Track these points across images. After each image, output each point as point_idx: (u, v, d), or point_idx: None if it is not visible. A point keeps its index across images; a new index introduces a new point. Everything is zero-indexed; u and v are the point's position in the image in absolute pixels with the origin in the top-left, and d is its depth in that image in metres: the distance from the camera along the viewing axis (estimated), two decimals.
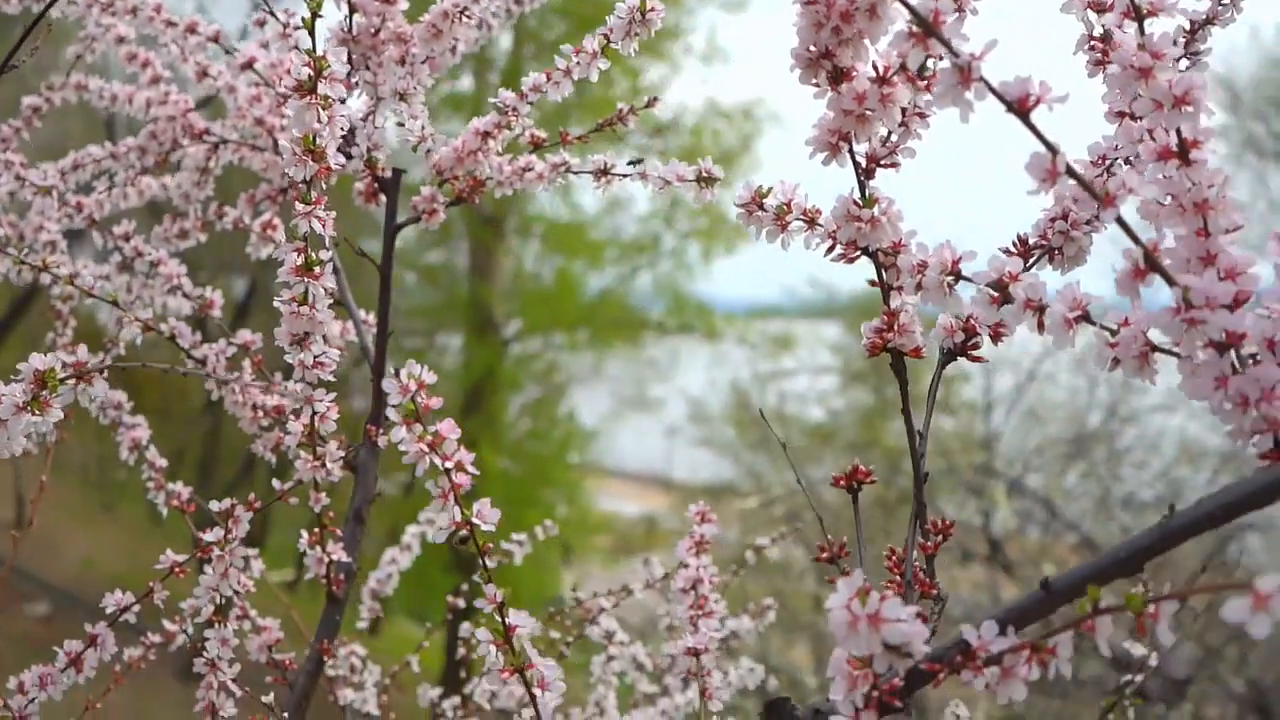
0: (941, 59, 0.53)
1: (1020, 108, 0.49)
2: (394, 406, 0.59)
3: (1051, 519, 6.11)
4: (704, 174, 0.82)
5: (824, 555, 0.67)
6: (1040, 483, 6.62)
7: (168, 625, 1.10)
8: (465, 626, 0.85)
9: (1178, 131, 0.52)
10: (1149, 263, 0.50)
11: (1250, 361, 0.51)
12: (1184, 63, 0.70)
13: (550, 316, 11.67)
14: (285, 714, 0.92)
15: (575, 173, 0.94)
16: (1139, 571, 0.50)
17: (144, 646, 1.10)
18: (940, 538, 0.64)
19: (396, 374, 0.59)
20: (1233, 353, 0.51)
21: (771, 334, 10.47)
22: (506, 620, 0.63)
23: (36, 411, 0.66)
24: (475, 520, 0.61)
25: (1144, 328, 0.53)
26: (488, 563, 0.62)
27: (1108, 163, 0.68)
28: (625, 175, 0.91)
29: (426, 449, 0.60)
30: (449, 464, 0.60)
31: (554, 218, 12.43)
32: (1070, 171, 0.49)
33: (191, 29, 1.07)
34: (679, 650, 0.91)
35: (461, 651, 1.55)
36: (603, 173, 0.92)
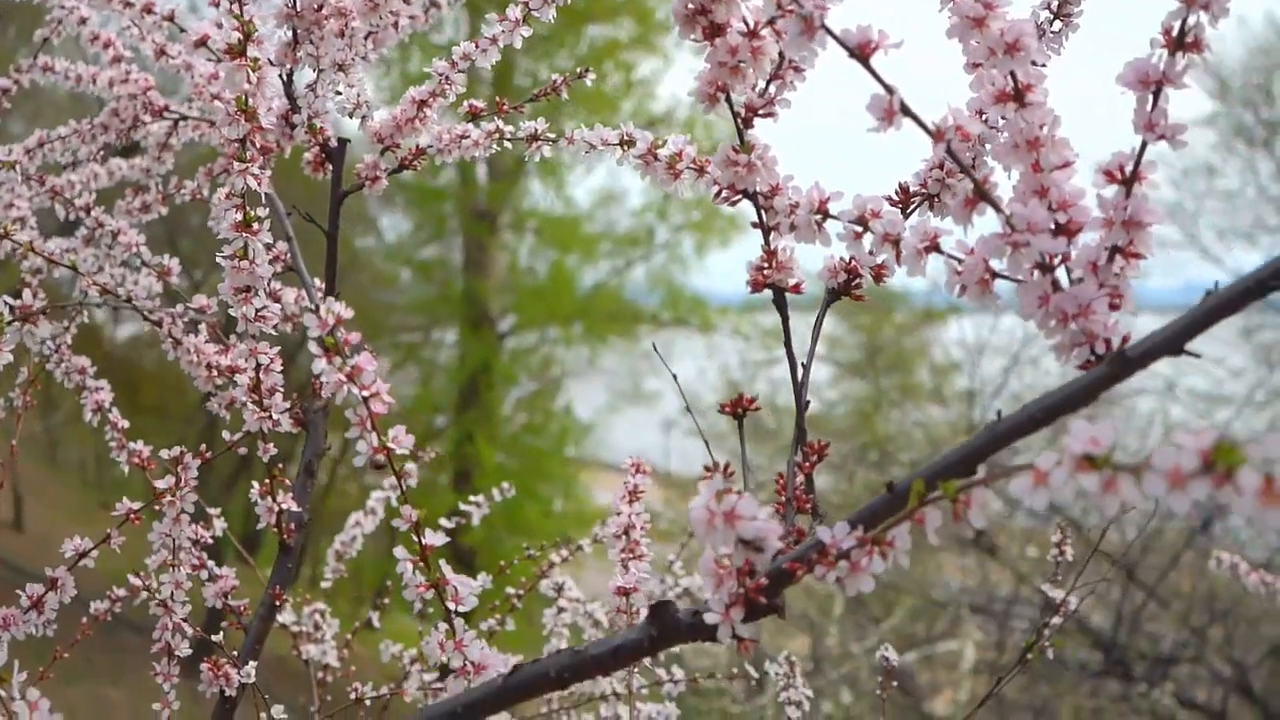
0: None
1: (861, 53, 0.54)
2: (314, 340, 0.64)
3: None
4: (625, 138, 0.87)
5: (708, 475, 0.72)
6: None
7: (133, 580, 1.14)
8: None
9: (1012, 75, 0.57)
10: (979, 193, 0.55)
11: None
12: (1057, 24, 0.75)
13: (545, 311, 11.72)
14: (235, 653, 0.97)
15: (509, 139, 0.99)
16: (973, 472, 0.55)
17: (109, 600, 1.15)
18: (816, 458, 0.69)
19: (316, 309, 0.64)
20: (1063, 274, 0.56)
21: (765, 327, 10.52)
22: (423, 540, 0.69)
23: None
24: (391, 445, 0.66)
25: (985, 256, 0.58)
26: (404, 484, 0.67)
27: (984, 115, 0.73)
28: (553, 140, 0.97)
29: (345, 379, 0.65)
30: (367, 393, 0.65)
31: (547, 212, 12.48)
32: (905, 110, 0.54)
33: (148, 9, 1.12)
34: (610, 590, 0.97)
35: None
36: (533, 138, 0.98)
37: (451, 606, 0.68)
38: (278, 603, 1.01)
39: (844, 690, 5.14)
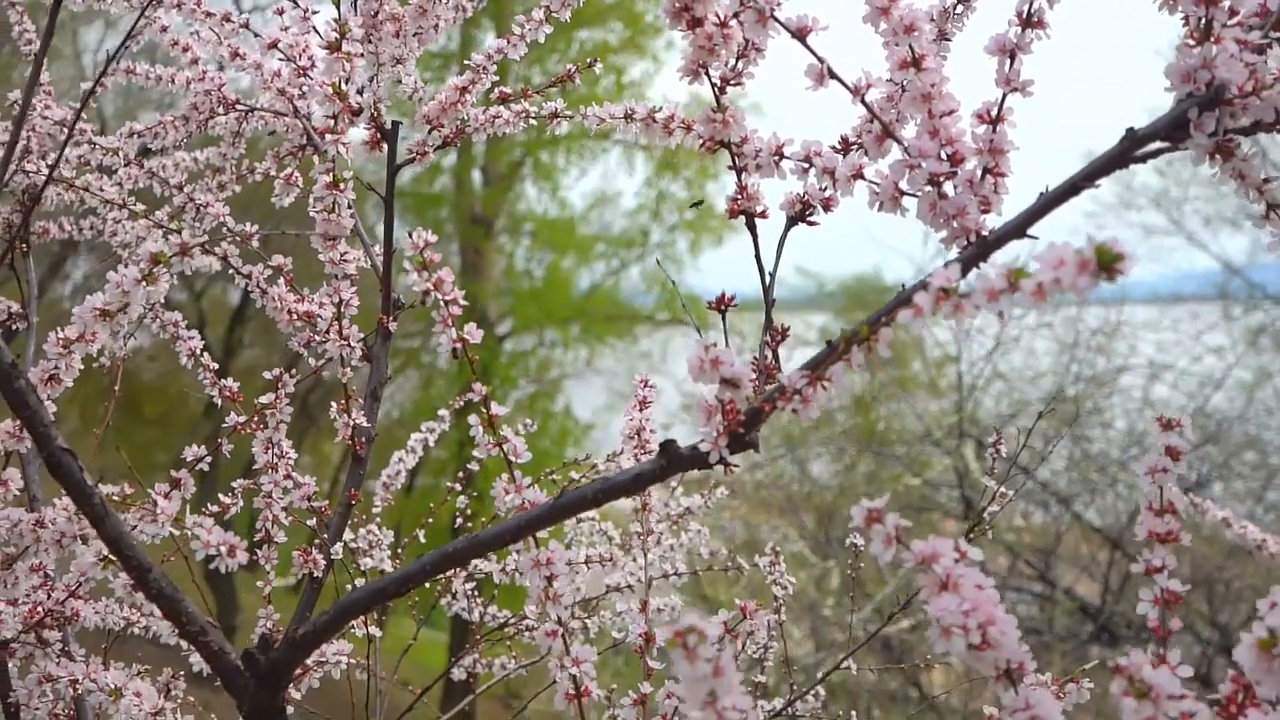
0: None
1: (800, 34, 0.77)
2: (408, 258, 0.87)
3: (1025, 477, 6.42)
4: (628, 112, 1.10)
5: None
6: (1015, 446, 6.92)
7: (224, 498, 1.36)
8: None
9: (910, 48, 0.80)
10: (885, 131, 0.78)
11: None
12: (960, 8, 0.98)
13: (542, 313, 11.94)
14: (325, 537, 1.20)
15: (533, 118, 1.22)
16: (889, 321, 0.77)
17: (205, 513, 1.36)
18: (781, 337, 0.92)
19: (410, 234, 0.86)
20: (949, 187, 0.79)
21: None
22: (490, 410, 0.91)
23: (150, 284, 0.93)
24: (466, 337, 0.89)
25: (894, 178, 0.80)
26: (474, 366, 0.90)
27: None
28: (570, 116, 1.19)
29: (433, 287, 0.87)
30: (447, 298, 0.88)
31: (542, 215, 12.69)
32: (831, 74, 0.77)
33: (226, 18, 1.34)
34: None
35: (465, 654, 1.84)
36: (554, 115, 1.20)
37: (512, 460, 0.90)
38: (353, 502, 1.23)
39: (840, 655, 5.37)
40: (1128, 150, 0.71)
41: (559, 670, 0.89)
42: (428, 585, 1.61)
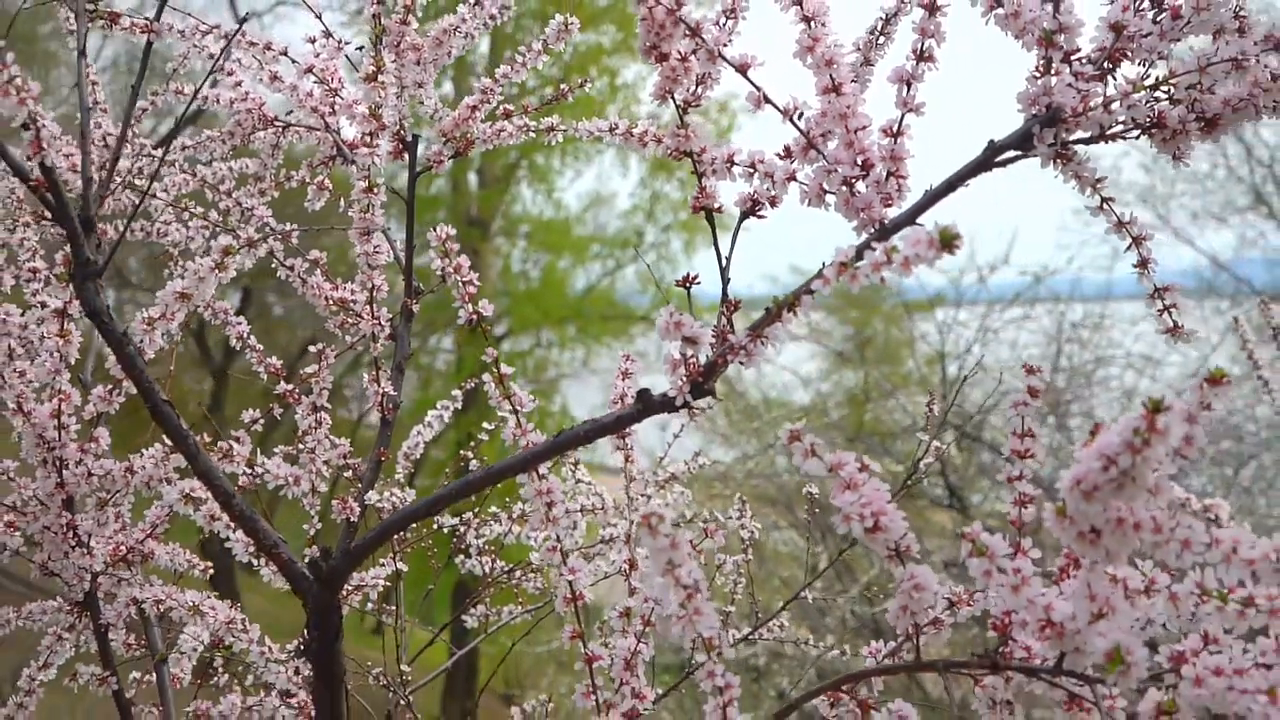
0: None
1: (742, 69, 0.98)
2: (432, 248, 1.08)
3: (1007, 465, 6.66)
4: (613, 125, 1.31)
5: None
6: (997, 434, 7.17)
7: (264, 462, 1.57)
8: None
9: (830, 76, 1.01)
10: (809, 144, 0.99)
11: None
12: (882, 38, 1.19)
13: (539, 313, 12.14)
14: (360, 487, 1.41)
15: (534, 131, 1.43)
16: (809, 291, 0.98)
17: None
18: (735, 307, 1.13)
19: (435, 228, 1.08)
20: (861, 186, 1.00)
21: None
22: (500, 370, 1.12)
23: (221, 271, 1.15)
24: (480, 310, 1.10)
25: (818, 180, 1.02)
26: (490, 336, 1.11)
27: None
28: (564, 130, 1.41)
29: (452, 270, 1.09)
30: (465, 279, 1.09)
31: (538, 217, 12.89)
32: (766, 99, 0.98)
33: (268, 46, 1.55)
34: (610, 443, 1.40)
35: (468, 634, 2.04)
36: (551, 129, 1.42)
37: (518, 408, 1.12)
38: (382, 459, 1.45)
39: (829, 637, 5.58)
40: (990, 157, 0.92)
41: (557, 579, 1.11)
42: (445, 532, 1.83)
